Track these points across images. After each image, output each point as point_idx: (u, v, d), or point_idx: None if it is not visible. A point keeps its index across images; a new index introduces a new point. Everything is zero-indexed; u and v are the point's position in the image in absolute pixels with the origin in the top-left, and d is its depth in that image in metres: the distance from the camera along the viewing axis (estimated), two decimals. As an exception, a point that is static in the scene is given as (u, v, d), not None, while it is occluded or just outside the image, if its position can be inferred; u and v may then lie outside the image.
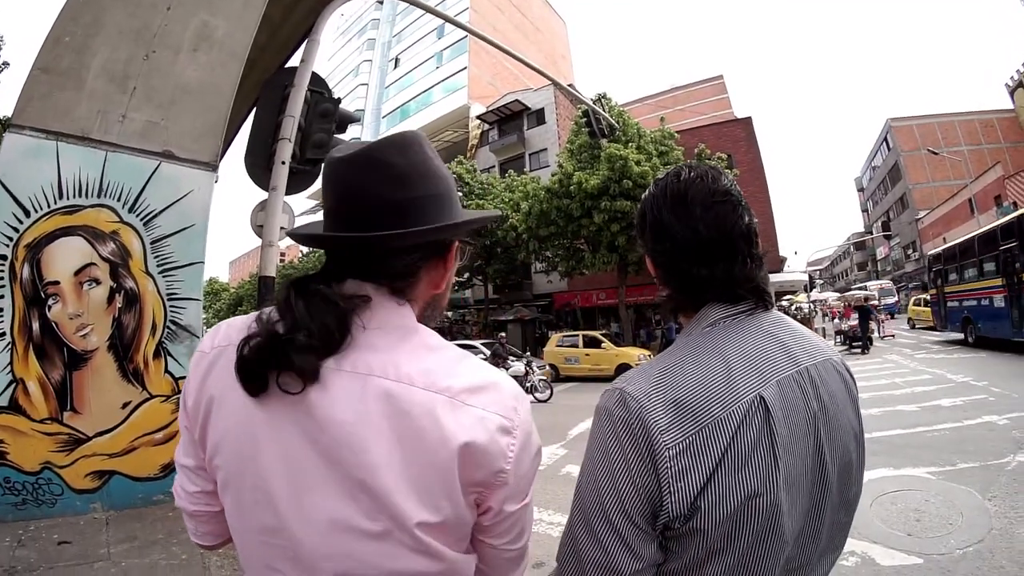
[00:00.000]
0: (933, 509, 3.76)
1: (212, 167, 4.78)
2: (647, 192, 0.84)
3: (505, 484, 0.67)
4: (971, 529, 3.36)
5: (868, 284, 36.86)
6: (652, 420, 0.66)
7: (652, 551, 0.67)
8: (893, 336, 20.49)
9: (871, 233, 52.57)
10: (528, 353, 18.07)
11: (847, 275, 72.15)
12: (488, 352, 13.85)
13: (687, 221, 0.76)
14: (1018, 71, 35.91)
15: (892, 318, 28.54)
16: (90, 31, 4.25)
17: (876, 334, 19.30)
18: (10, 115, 4.18)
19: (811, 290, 28.13)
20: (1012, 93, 37.16)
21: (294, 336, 0.62)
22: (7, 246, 3.89)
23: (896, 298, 34.30)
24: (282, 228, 4.24)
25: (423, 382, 0.64)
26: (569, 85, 9.52)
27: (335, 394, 0.63)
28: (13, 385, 3.83)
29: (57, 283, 4.04)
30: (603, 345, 15.72)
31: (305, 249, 37.67)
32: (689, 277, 0.77)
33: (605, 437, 0.70)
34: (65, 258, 4.09)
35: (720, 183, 0.78)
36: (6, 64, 15.26)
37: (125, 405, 4.22)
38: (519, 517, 0.72)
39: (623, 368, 14.71)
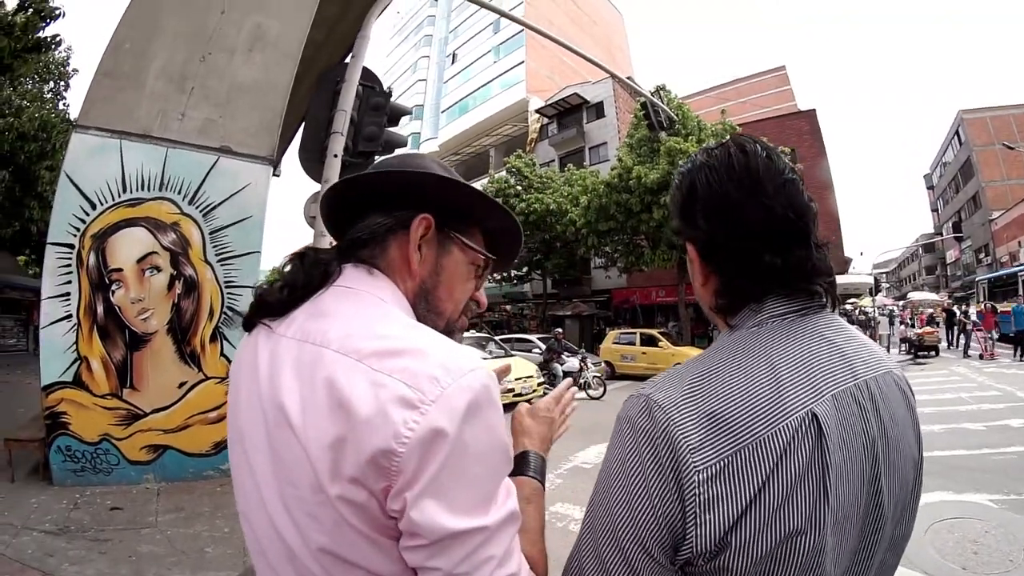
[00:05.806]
0: (993, 542, 3.47)
1: (268, 161, 5.01)
2: (693, 164, 0.70)
3: (399, 474, 0.52)
4: (1033, 568, 3.08)
5: None
6: (680, 435, 0.55)
7: None
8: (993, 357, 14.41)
9: (941, 234, 47.89)
10: (583, 349, 17.74)
11: (915, 279, 66.96)
12: (543, 346, 13.69)
13: (760, 198, 0.63)
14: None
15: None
16: (149, 36, 4.55)
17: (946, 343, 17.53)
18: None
19: (876, 293, 24.81)
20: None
21: (271, 290, 0.69)
22: (75, 236, 4.26)
23: None
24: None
25: (339, 344, 0.58)
26: (628, 78, 9.17)
27: (280, 363, 0.62)
28: (78, 363, 4.21)
29: (120, 270, 4.38)
30: (660, 344, 15.24)
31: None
32: (754, 266, 0.64)
33: (625, 451, 0.59)
34: (128, 247, 4.42)
35: (782, 159, 0.67)
36: (75, 71, 16.88)
37: (181, 385, 4.52)
38: (447, 540, 0.52)
39: (680, 369, 14.34)
